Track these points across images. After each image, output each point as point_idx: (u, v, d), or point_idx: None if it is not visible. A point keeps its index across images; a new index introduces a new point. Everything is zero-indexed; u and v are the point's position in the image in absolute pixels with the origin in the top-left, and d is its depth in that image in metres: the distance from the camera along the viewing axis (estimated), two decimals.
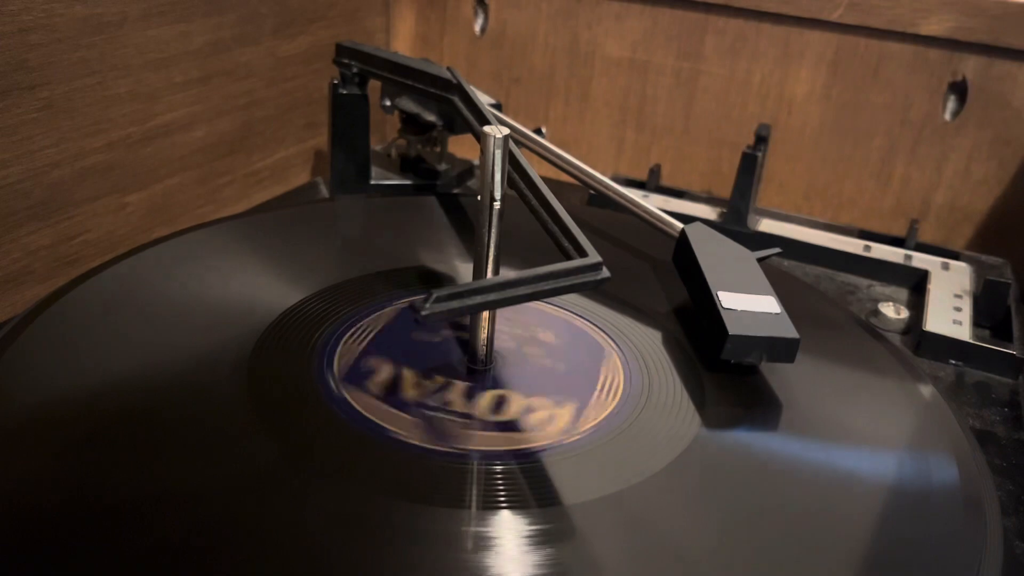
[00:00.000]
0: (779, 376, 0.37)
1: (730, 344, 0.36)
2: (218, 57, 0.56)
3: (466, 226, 0.50)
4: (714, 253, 0.42)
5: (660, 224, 0.46)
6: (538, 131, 0.55)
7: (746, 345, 0.36)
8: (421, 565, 0.26)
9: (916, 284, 0.54)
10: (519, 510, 0.29)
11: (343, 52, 0.55)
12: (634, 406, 0.35)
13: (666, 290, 0.44)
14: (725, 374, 0.37)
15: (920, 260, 0.56)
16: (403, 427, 0.32)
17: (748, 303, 0.38)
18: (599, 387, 0.36)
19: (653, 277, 0.46)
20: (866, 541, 0.29)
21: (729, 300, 0.38)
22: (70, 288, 0.39)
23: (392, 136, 0.63)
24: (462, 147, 0.68)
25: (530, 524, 0.28)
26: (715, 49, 0.66)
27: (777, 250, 0.44)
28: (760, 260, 0.42)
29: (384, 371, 0.36)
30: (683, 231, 0.44)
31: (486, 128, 0.32)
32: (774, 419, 0.35)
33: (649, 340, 0.40)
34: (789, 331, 0.36)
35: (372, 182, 0.57)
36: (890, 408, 0.37)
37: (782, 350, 0.36)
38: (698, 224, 0.44)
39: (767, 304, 0.38)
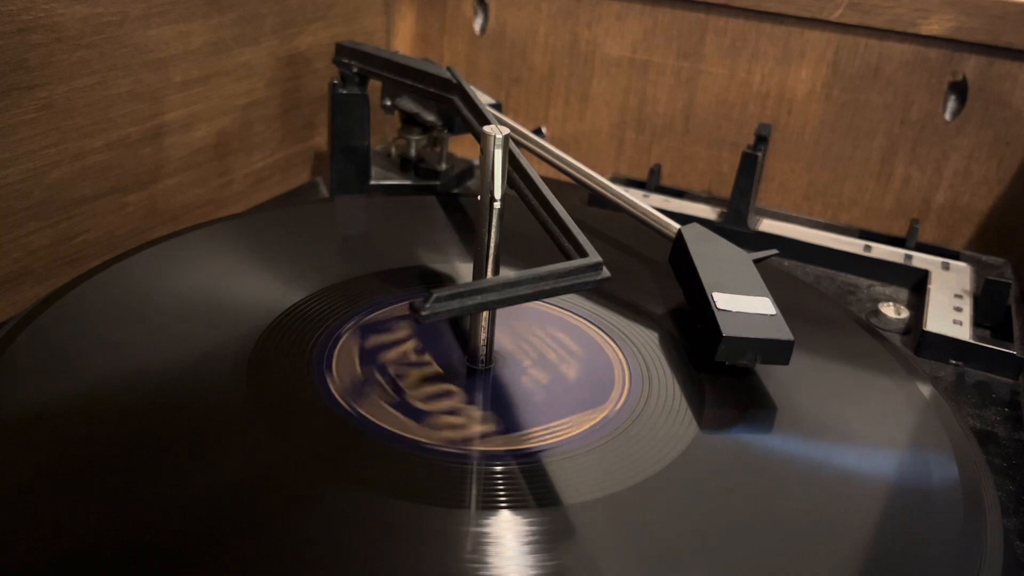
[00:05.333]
0: (778, 376, 0.37)
1: (724, 345, 0.36)
2: (218, 57, 0.56)
3: (466, 226, 0.50)
4: (710, 254, 0.42)
5: (657, 225, 0.46)
6: (538, 131, 0.55)
7: (740, 346, 0.36)
8: (421, 565, 0.26)
9: (916, 284, 0.54)
10: (518, 510, 0.29)
11: (343, 52, 0.55)
12: (633, 407, 0.35)
13: (667, 290, 0.44)
14: (725, 375, 0.37)
15: (920, 260, 0.56)
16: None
17: (743, 304, 0.38)
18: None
19: (654, 277, 0.46)
20: (866, 541, 0.29)
21: (724, 301, 0.38)
22: (70, 288, 0.39)
23: (392, 136, 0.63)
24: (462, 147, 0.68)
25: (529, 524, 0.28)
26: (715, 49, 0.66)
27: (774, 251, 0.44)
28: (757, 261, 0.42)
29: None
30: (679, 232, 0.44)
31: (486, 128, 0.32)
32: (773, 419, 0.35)
33: (648, 341, 0.40)
34: (783, 333, 0.36)
35: (372, 182, 0.57)
36: (890, 408, 0.37)
37: (776, 352, 0.36)
38: (694, 225, 0.44)
39: (762, 305, 0.38)
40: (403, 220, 0.51)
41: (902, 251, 0.56)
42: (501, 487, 0.30)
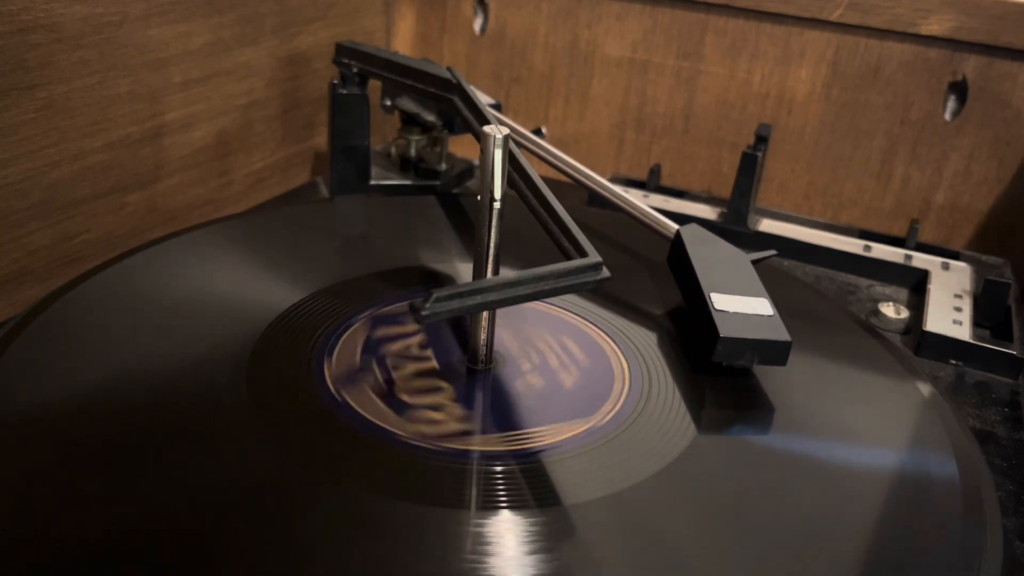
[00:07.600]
0: (778, 376, 0.37)
1: (721, 346, 0.36)
2: (218, 57, 0.56)
3: (466, 226, 0.50)
4: (708, 255, 0.42)
5: (655, 225, 0.46)
6: (538, 131, 0.55)
7: (737, 347, 0.36)
8: (420, 565, 0.26)
9: (916, 284, 0.54)
10: (518, 510, 0.29)
11: (343, 52, 0.55)
12: (632, 407, 0.35)
13: (666, 291, 0.44)
14: (724, 375, 0.37)
15: (920, 260, 0.56)
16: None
17: (741, 305, 0.38)
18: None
19: (653, 277, 0.46)
20: (866, 541, 0.29)
21: (721, 302, 0.38)
22: (70, 288, 0.39)
23: (392, 136, 0.63)
24: (462, 147, 0.68)
25: (529, 524, 0.28)
26: (715, 49, 0.66)
27: (772, 252, 0.44)
28: (755, 262, 0.42)
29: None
30: (678, 232, 0.44)
31: (486, 128, 0.32)
32: (773, 420, 0.35)
33: (648, 341, 0.40)
34: (781, 334, 0.36)
35: (372, 182, 0.57)
36: (890, 408, 0.37)
37: (774, 352, 0.36)
38: (693, 225, 0.44)
39: (760, 306, 0.38)
40: (403, 220, 0.51)
41: (902, 251, 0.56)
42: (501, 487, 0.30)
